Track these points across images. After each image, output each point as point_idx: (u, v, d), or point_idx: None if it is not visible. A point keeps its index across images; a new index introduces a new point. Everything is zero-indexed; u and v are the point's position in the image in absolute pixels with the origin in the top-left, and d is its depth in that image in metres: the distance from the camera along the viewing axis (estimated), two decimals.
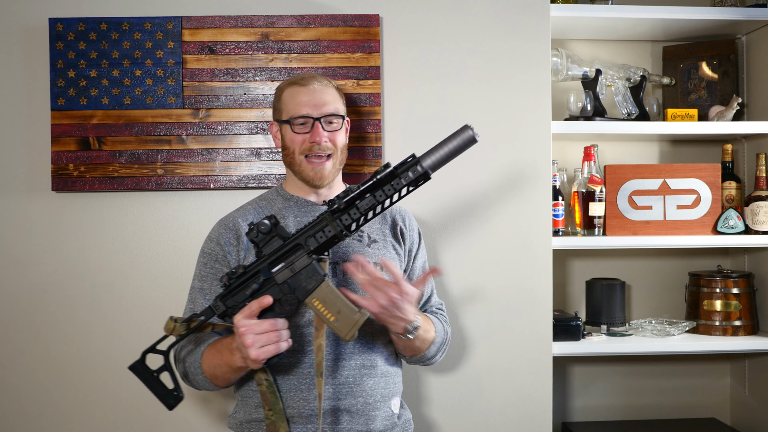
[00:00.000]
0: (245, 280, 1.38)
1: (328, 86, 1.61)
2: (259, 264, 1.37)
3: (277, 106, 1.63)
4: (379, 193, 1.34)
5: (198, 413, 1.94)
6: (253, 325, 1.32)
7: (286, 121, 1.58)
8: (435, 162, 1.34)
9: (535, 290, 1.99)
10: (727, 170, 2.24)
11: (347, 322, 1.33)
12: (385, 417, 1.54)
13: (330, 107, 1.58)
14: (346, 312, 1.33)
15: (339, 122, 1.59)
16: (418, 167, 1.33)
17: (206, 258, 1.58)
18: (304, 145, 1.56)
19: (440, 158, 1.34)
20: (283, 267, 1.35)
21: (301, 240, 1.36)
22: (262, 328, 1.32)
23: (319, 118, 1.56)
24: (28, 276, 1.93)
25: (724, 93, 2.29)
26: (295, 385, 1.48)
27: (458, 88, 1.99)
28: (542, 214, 2.00)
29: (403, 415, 1.62)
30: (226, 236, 1.57)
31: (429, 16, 1.98)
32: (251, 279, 1.37)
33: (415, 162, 1.34)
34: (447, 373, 1.99)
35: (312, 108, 1.56)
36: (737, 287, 2.19)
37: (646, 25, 2.19)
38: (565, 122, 2.10)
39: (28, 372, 1.92)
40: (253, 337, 1.31)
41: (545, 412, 1.99)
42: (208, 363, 1.46)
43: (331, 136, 1.57)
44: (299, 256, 1.35)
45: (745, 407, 2.32)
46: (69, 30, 1.89)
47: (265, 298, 1.34)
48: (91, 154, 1.90)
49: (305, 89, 1.58)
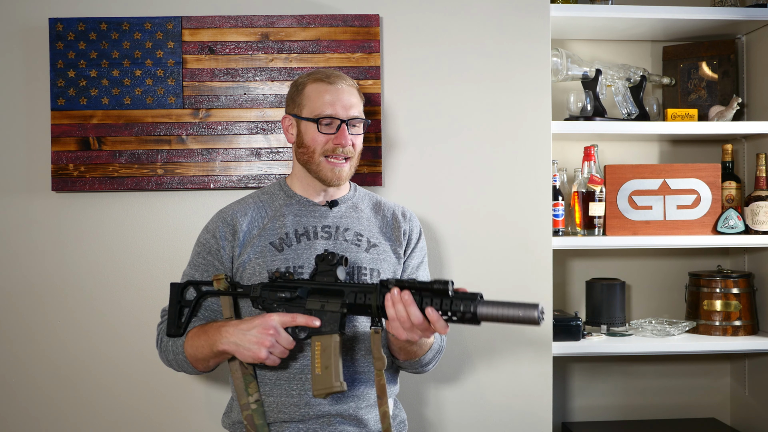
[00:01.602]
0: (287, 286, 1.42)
1: (353, 87, 1.58)
2: (306, 283, 1.42)
3: (297, 99, 1.57)
4: (428, 299, 1.31)
5: (197, 413, 1.94)
6: (282, 335, 1.37)
7: (310, 118, 1.54)
8: (488, 315, 1.26)
9: (535, 290, 1.99)
10: (727, 170, 2.24)
11: (326, 382, 1.36)
12: (378, 420, 1.53)
13: (356, 110, 1.56)
14: (331, 373, 1.36)
15: (361, 126, 1.58)
16: (472, 307, 1.26)
17: (201, 248, 1.58)
18: (327, 146, 1.53)
19: (496, 316, 1.26)
20: (317, 298, 1.40)
21: (347, 290, 1.38)
22: (284, 341, 1.37)
23: (347, 121, 1.53)
24: (28, 276, 1.93)
25: (724, 93, 2.29)
26: (286, 390, 1.48)
27: (458, 88, 1.99)
28: (542, 214, 2.00)
29: (398, 416, 1.61)
30: (223, 230, 1.56)
31: (429, 16, 1.98)
32: (290, 287, 1.42)
33: (473, 300, 1.27)
34: (447, 373, 1.99)
35: (341, 109, 1.53)
36: (737, 287, 2.19)
37: (646, 25, 2.19)
38: (565, 122, 2.10)
39: (27, 372, 1.92)
40: (273, 342, 1.36)
41: (545, 412, 1.99)
42: (191, 344, 1.47)
43: (354, 139, 1.55)
44: (335, 302, 1.38)
45: (745, 407, 2.32)
46: (69, 30, 1.89)
47: (315, 321, 1.37)
48: (91, 154, 1.90)
49: (333, 87, 1.54)
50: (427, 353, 1.53)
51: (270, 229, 1.56)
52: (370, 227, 1.61)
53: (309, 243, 1.54)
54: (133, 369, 1.94)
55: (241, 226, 1.56)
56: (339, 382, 1.35)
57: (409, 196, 1.96)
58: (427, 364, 1.57)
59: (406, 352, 1.49)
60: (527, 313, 1.22)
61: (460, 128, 1.99)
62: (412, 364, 1.55)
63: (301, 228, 1.56)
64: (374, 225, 1.62)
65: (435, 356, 1.57)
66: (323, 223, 1.57)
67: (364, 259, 1.55)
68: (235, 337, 1.38)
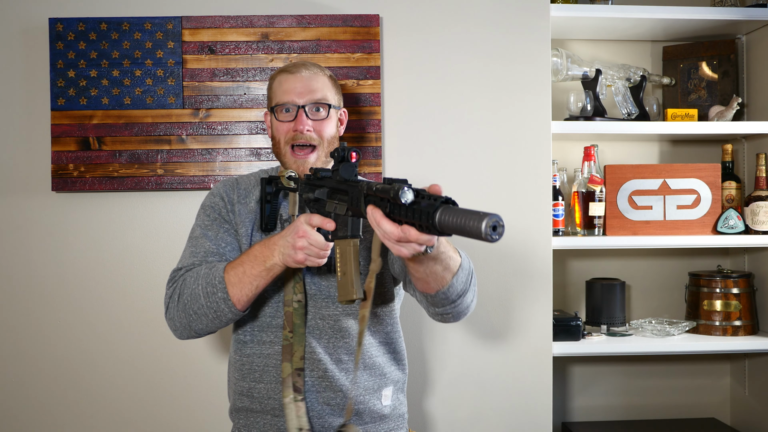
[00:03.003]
0: (315, 185, 1.37)
1: (317, 74, 1.55)
2: (322, 183, 1.35)
3: (269, 94, 1.59)
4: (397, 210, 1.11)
5: (202, 410, 1.94)
6: (312, 234, 1.32)
7: (272, 108, 1.55)
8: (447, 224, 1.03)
9: (535, 290, 1.99)
10: (727, 170, 2.24)
11: (345, 289, 1.31)
12: (372, 410, 1.50)
13: (317, 95, 1.52)
14: (349, 280, 1.30)
15: (326, 111, 1.53)
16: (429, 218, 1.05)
17: (209, 210, 1.56)
18: (288, 134, 1.51)
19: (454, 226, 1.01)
20: (333, 202, 1.33)
21: (351, 191, 1.26)
22: (317, 241, 1.32)
23: (304, 106, 1.51)
24: (28, 276, 1.93)
25: (724, 93, 2.29)
26: (274, 377, 1.47)
27: (458, 88, 1.99)
28: (542, 214, 2.00)
29: (397, 408, 1.57)
30: (229, 193, 1.56)
31: (429, 16, 1.98)
32: (316, 186, 1.37)
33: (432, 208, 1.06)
34: (447, 372, 1.99)
35: (297, 95, 1.51)
36: (737, 287, 2.19)
37: (646, 25, 2.19)
38: (565, 122, 2.10)
39: (28, 372, 1.92)
40: (306, 243, 1.32)
41: (545, 412, 1.99)
42: (233, 271, 1.40)
43: (316, 125, 1.52)
44: (342, 205, 1.30)
45: (745, 407, 2.32)
46: (69, 30, 1.89)
47: (330, 223, 1.31)
48: (91, 154, 1.90)
49: (293, 76, 1.53)
50: (458, 275, 1.31)
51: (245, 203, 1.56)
52: None
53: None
54: (133, 367, 1.94)
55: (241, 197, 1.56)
56: (357, 293, 1.29)
57: None
58: (460, 294, 1.34)
59: (433, 276, 1.28)
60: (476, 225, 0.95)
61: (460, 128, 1.99)
62: (447, 296, 1.33)
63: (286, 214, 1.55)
64: None
65: (468, 281, 1.35)
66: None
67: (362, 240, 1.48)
68: (279, 245, 1.35)
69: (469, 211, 0.99)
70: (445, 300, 1.34)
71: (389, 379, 1.55)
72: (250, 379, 1.49)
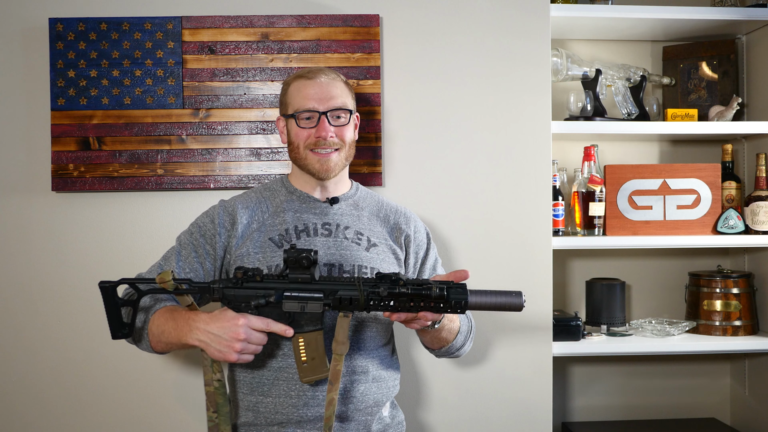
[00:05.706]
0: (259, 287, 1.37)
1: (335, 80, 1.57)
2: (279, 283, 1.37)
3: (284, 100, 1.59)
4: (417, 303, 1.34)
5: (196, 415, 1.94)
6: (254, 337, 1.34)
7: (292, 115, 1.55)
8: (475, 305, 1.36)
9: (535, 290, 1.99)
10: (727, 170, 2.24)
11: (312, 370, 1.39)
12: (378, 421, 1.53)
13: (337, 101, 1.54)
14: (317, 362, 1.39)
15: (346, 117, 1.56)
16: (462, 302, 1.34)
17: (196, 229, 1.56)
18: (309, 140, 1.53)
19: (481, 304, 1.37)
20: (295, 301, 1.37)
21: (326, 288, 1.37)
22: (257, 339, 1.35)
23: (326, 113, 1.53)
24: (28, 276, 1.93)
25: (724, 93, 2.29)
26: (284, 390, 1.47)
27: (458, 88, 1.99)
28: (542, 214, 2.00)
29: (396, 416, 1.61)
30: (223, 218, 1.56)
31: (429, 16, 1.98)
32: (263, 291, 1.37)
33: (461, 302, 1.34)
34: (447, 372, 1.99)
35: (318, 102, 1.53)
36: (737, 287, 2.19)
37: (646, 25, 2.19)
38: (565, 122, 2.10)
39: (29, 371, 1.92)
40: (245, 346, 1.33)
41: (545, 412, 1.99)
42: (158, 325, 1.42)
43: (338, 131, 1.54)
44: (315, 304, 1.36)
45: (745, 407, 2.32)
46: (69, 30, 1.89)
47: (289, 331, 1.35)
48: (91, 154, 1.90)
49: (312, 82, 1.54)
50: (458, 337, 1.58)
51: (270, 224, 1.55)
52: (371, 227, 1.61)
53: (309, 240, 1.53)
54: (132, 369, 1.93)
55: (241, 219, 1.55)
56: (325, 371, 1.39)
57: (409, 196, 1.96)
58: (460, 347, 1.61)
59: (437, 340, 1.55)
60: (513, 301, 1.36)
61: (460, 128, 1.99)
62: (448, 351, 1.61)
63: (301, 224, 1.55)
64: (375, 225, 1.62)
65: (466, 338, 1.62)
66: (323, 220, 1.57)
67: (364, 258, 1.54)
68: (205, 336, 1.34)
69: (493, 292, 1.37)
70: (446, 353, 1.63)
71: (391, 393, 1.58)
72: (257, 393, 1.49)
